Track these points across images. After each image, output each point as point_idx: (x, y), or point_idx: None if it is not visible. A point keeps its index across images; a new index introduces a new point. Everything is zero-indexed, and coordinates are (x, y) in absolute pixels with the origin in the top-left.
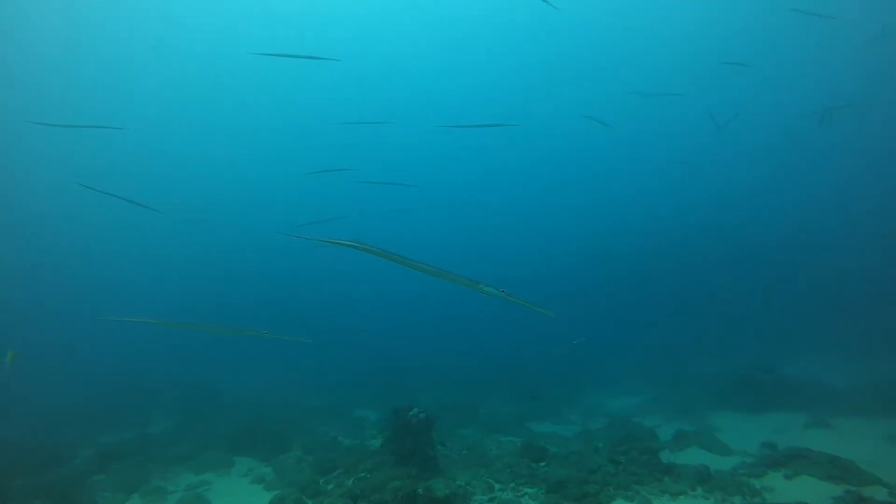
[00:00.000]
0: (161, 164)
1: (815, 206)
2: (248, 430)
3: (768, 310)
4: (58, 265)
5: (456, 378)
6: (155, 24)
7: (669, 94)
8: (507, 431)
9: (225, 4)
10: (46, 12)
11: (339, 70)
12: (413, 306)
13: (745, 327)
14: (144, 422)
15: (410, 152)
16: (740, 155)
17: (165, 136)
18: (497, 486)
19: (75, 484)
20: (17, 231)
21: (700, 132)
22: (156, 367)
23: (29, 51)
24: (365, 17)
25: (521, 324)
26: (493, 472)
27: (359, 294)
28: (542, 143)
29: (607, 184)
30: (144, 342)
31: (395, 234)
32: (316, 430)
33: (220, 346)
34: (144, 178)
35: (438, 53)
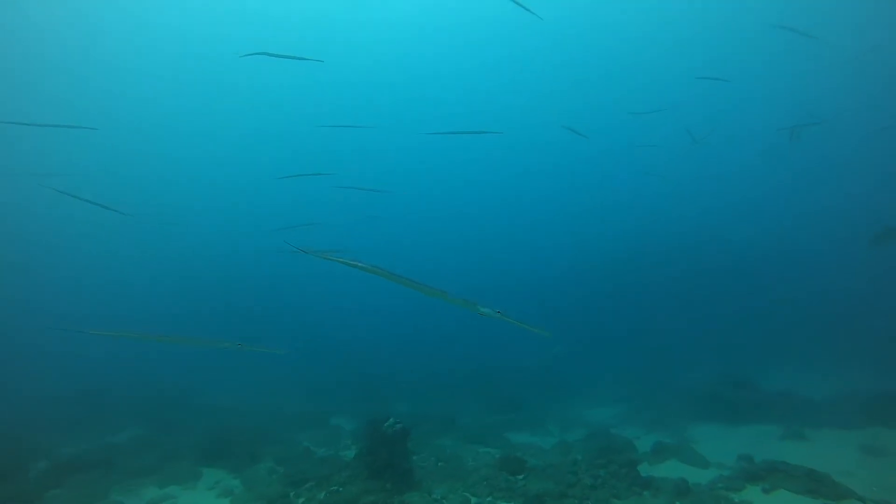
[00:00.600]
0: (136, 165)
1: (793, 222)
2: (218, 440)
3: (745, 322)
4: (21, 266)
5: (434, 387)
6: (133, 23)
7: (658, 111)
8: (484, 442)
9: (205, 5)
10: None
11: (326, 74)
12: (391, 314)
13: (721, 339)
14: (109, 431)
15: (394, 158)
16: (719, 169)
17: (140, 137)
18: (473, 500)
19: (27, 499)
20: None
21: (682, 145)
22: (124, 372)
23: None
24: (354, 23)
25: (499, 333)
26: (470, 485)
27: (337, 301)
28: (523, 154)
29: (587, 195)
30: (112, 345)
31: (376, 242)
32: (289, 440)
33: (193, 352)
34: (118, 180)
35: (425, 59)
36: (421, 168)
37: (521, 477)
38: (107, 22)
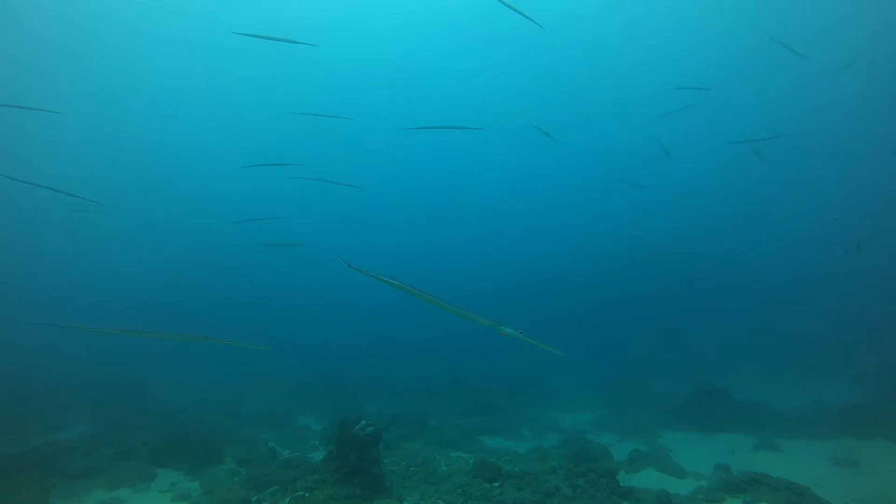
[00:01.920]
0: (98, 152)
1: (766, 237)
2: (176, 438)
3: (717, 332)
4: None
5: (405, 387)
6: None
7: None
8: (457, 446)
9: None
10: None
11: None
12: (362, 312)
13: (694, 348)
14: (54, 428)
15: (370, 152)
16: (697, 181)
17: (109, 123)
18: None
19: None
20: None
21: (661, 157)
22: (74, 363)
23: None
24: (339, 12)
25: (471, 335)
26: (443, 492)
27: (308, 298)
28: (503, 161)
29: (566, 204)
30: (60, 335)
31: (355, 238)
32: (252, 439)
33: (150, 344)
34: (75, 168)
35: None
36: (404, 167)
37: (496, 484)
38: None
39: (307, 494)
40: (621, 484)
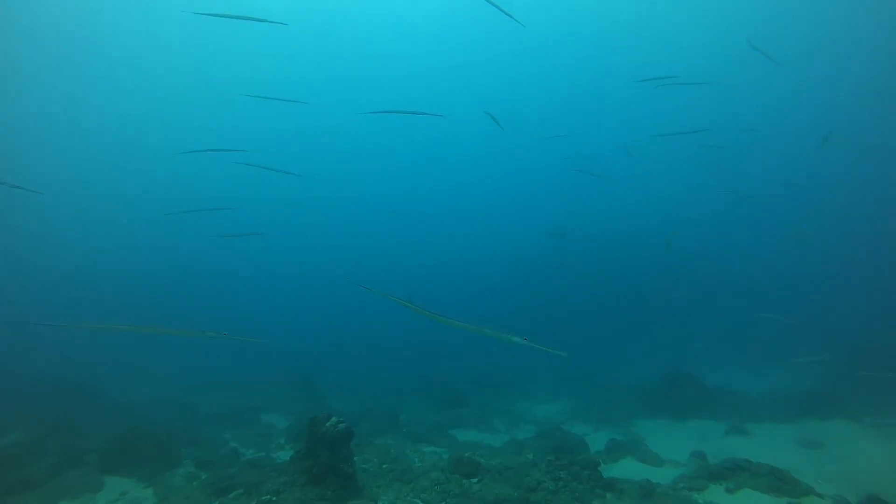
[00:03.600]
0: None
1: (732, 224)
2: (128, 441)
3: (684, 322)
4: None
5: (372, 383)
6: None
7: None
8: (430, 441)
9: None
10: None
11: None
12: (328, 308)
13: (661, 338)
14: None
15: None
16: (660, 171)
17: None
18: None
19: None
20: None
21: (624, 147)
22: (10, 362)
23: None
24: None
25: (438, 329)
26: (420, 490)
27: (272, 293)
28: (474, 154)
29: (528, 190)
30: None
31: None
32: (212, 440)
33: (104, 339)
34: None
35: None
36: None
37: (475, 480)
38: None
39: (274, 498)
40: (604, 476)
